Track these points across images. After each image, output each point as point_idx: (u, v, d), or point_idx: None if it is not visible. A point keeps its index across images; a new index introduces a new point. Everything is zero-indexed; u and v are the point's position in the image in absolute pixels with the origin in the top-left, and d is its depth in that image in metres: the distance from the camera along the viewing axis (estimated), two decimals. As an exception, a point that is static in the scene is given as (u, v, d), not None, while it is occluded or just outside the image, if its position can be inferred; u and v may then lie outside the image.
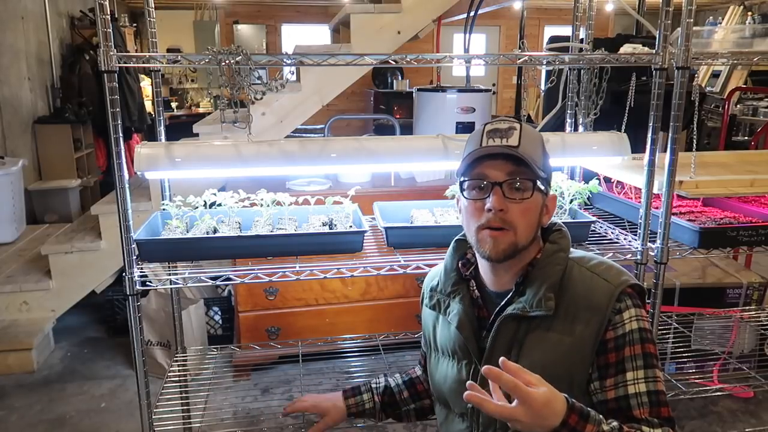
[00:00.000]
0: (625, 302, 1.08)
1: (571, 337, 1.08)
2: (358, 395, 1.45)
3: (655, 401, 1.05)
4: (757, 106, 6.12)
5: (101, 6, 1.34)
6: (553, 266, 1.12)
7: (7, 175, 3.89)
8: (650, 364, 1.07)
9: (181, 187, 1.90)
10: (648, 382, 1.06)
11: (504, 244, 1.08)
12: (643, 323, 1.09)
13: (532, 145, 1.11)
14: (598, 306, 1.08)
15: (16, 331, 3.12)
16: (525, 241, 1.10)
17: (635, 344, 1.07)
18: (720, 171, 2.06)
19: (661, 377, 1.08)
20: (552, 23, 9.14)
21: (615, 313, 1.07)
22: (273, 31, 8.78)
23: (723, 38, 4.67)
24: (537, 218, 1.12)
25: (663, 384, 1.08)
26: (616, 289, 1.08)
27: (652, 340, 1.09)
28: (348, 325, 2.94)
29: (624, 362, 1.07)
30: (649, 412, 1.04)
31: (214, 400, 2.29)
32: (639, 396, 1.05)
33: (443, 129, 3.61)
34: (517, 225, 1.09)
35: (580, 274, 1.12)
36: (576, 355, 1.07)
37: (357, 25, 3.29)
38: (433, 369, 1.30)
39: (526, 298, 1.10)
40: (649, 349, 1.08)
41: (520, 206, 1.08)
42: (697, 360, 2.59)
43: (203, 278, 1.56)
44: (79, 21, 5.75)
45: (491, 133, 1.11)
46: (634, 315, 1.08)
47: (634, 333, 1.07)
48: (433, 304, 1.28)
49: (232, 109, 1.55)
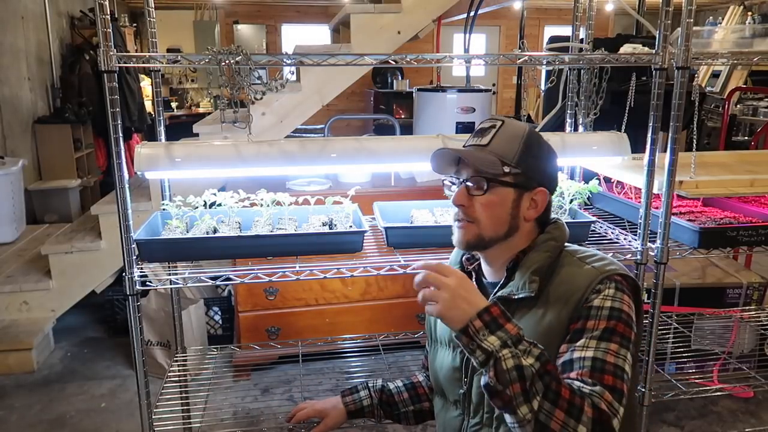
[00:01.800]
0: (607, 285, 1.07)
1: (550, 315, 1.08)
2: (355, 393, 1.48)
3: (599, 367, 0.98)
4: (757, 106, 6.12)
5: (101, 6, 1.34)
6: (540, 252, 1.15)
7: (7, 175, 3.89)
8: (608, 338, 1.02)
9: (181, 187, 1.90)
10: (597, 350, 1.00)
11: (468, 236, 1.15)
12: (620, 305, 1.05)
13: (506, 142, 1.15)
14: (578, 287, 1.08)
15: (16, 331, 3.12)
16: (492, 233, 1.15)
17: (601, 319, 1.04)
18: (720, 171, 2.06)
19: (621, 354, 1.01)
20: (552, 23, 9.15)
21: (592, 293, 1.07)
22: (273, 31, 8.78)
23: (723, 38, 4.67)
24: (506, 211, 1.14)
25: (627, 365, 1.01)
26: (600, 275, 1.09)
27: (625, 321, 1.04)
28: (348, 325, 2.94)
29: (583, 332, 1.04)
30: (590, 375, 0.97)
31: (214, 400, 2.29)
32: (582, 360, 1.00)
33: (443, 129, 3.61)
34: (479, 218, 1.14)
35: (570, 262, 1.15)
36: (554, 333, 1.07)
37: (357, 25, 3.29)
38: (432, 359, 1.33)
39: (514, 282, 1.14)
40: (614, 326, 1.03)
41: (481, 201, 1.14)
42: (697, 360, 2.59)
43: (203, 278, 1.56)
44: (79, 21, 5.75)
45: (476, 132, 1.19)
46: (611, 295, 1.06)
47: (603, 309, 1.04)
48: None
49: (232, 109, 1.55)
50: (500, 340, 0.92)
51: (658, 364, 2.50)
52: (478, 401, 1.17)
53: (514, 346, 0.92)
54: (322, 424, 1.43)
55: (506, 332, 0.93)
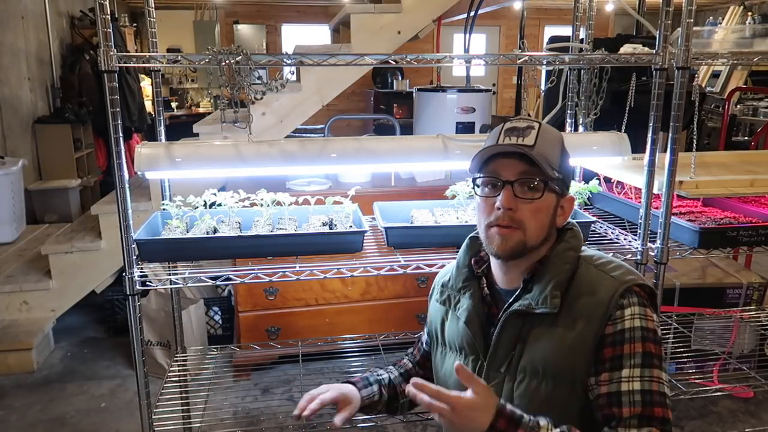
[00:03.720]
0: (629, 299, 1.06)
1: (573, 332, 1.06)
2: (368, 387, 1.36)
3: (648, 401, 1.01)
4: (757, 106, 6.11)
5: (101, 6, 1.34)
6: (561, 264, 1.11)
7: (7, 175, 3.89)
8: (649, 364, 1.03)
9: (181, 187, 1.90)
10: (644, 381, 1.02)
11: (512, 242, 1.09)
12: (648, 323, 1.06)
13: (549, 146, 1.10)
14: (600, 302, 1.06)
15: (16, 331, 3.12)
16: (535, 241, 1.10)
17: (635, 342, 1.04)
18: (720, 171, 2.06)
19: (662, 379, 1.04)
20: (552, 23, 9.14)
21: (616, 309, 1.05)
22: (273, 31, 8.78)
23: (723, 38, 4.68)
24: (549, 219, 1.12)
25: (666, 387, 1.04)
26: (620, 286, 1.07)
27: (656, 341, 1.05)
28: (348, 325, 2.94)
29: (621, 359, 1.04)
30: (641, 411, 1.00)
31: (214, 400, 2.29)
32: (631, 394, 1.01)
33: (443, 129, 3.62)
34: (526, 224, 1.09)
35: (587, 272, 1.12)
36: (577, 351, 1.06)
37: (357, 25, 3.29)
38: (438, 363, 1.29)
39: (533, 294, 1.10)
40: (651, 349, 1.04)
41: (530, 206, 1.08)
42: (697, 360, 2.59)
43: (203, 278, 1.56)
44: (79, 21, 5.75)
45: (509, 132, 1.11)
46: (638, 313, 1.05)
47: (635, 331, 1.04)
48: (443, 299, 1.28)
49: (232, 109, 1.55)
50: None
51: (658, 364, 2.50)
52: None
53: None
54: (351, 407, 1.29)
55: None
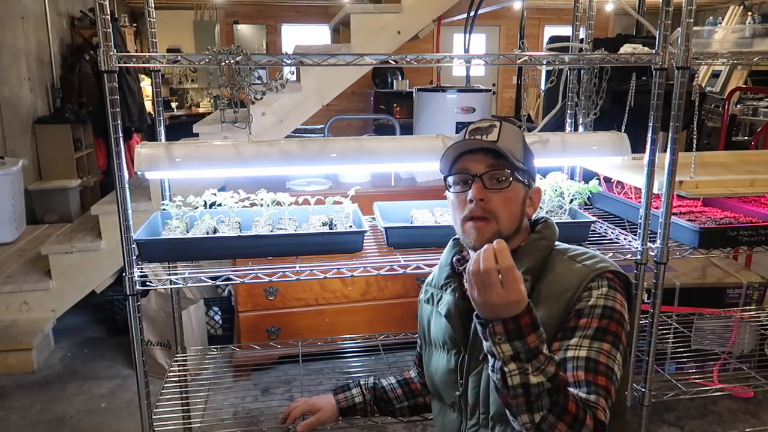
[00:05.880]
0: (599, 282, 1.08)
1: (542, 313, 1.07)
2: (347, 390, 1.50)
3: (593, 368, 1.00)
4: (757, 106, 6.12)
5: (101, 6, 1.34)
6: (532, 252, 1.15)
7: (7, 175, 3.89)
8: (601, 338, 1.03)
9: (181, 187, 1.90)
10: (591, 350, 1.02)
11: (488, 233, 1.12)
12: (613, 303, 1.06)
13: (512, 141, 1.15)
14: (570, 286, 1.09)
15: (16, 331, 3.12)
16: (508, 230, 1.14)
17: (593, 318, 1.05)
18: (720, 171, 2.06)
19: (613, 355, 1.02)
20: (552, 23, 9.14)
21: (584, 290, 1.08)
22: (273, 31, 8.78)
23: (723, 38, 4.68)
24: (519, 208, 1.16)
25: (616, 366, 1.02)
26: (591, 273, 1.09)
27: (618, 321, 1.05)
28: (348, 325, 2.94)
29: (575, 330, 1.05)
30: (584, 376, 0.99)
31: (214, 400, 2.29)
32: (576, 360, 1.01)
33: (443, 129, 3.60)
34: (498, 214, 1.13)
35: (561, 261, 1.15)
36: (547, 330, 1.05)
37: (357, 25, 3.29)
38: (427, 363, 1.33)
39: None
40: (607, 326, 1.04)
41: (500, 195, 1.13)
42: (697, 360, 2.59)
43: (203, 278, 1.56)
44: (79, 21, 5.75)
45: (473, 132, 1.16)
46: (604, 293, 1.07)
47: (597, 308, 1.06)
48: (427, 297, 1.32)
49: (232, 109, 1.55)
50: (513, 350, 0.91)
51: (658, 364, 2.50)
52: (474, 403, 1.17)
53: (527, 361, 0.91)
54: (314, 418, 1.44)
55: (524, 344, 0.91)
